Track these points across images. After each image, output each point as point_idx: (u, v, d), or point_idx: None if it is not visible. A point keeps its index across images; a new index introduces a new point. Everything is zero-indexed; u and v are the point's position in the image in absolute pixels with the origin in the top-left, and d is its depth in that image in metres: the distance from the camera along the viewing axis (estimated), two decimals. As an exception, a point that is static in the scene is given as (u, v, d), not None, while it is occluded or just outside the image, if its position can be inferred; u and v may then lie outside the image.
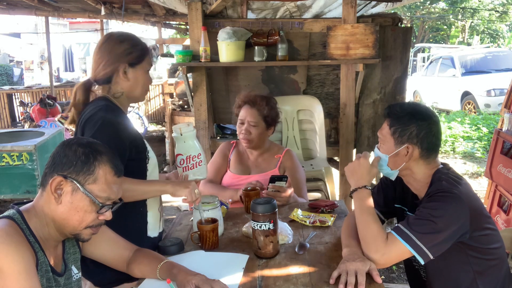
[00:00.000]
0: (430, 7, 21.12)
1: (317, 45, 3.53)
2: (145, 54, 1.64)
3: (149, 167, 1.67)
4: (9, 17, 13.76)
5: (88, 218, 1.25)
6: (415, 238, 1.39)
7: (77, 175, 1.22)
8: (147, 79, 1.68)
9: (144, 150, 1.65)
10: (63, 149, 1.24)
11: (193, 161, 1.79)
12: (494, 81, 9.41)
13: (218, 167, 2.38)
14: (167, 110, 6.11)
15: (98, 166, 1.23)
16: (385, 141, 1.57)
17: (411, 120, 1.51)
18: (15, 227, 1.18)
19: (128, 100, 1.69)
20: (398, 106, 1.58)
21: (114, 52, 1.60)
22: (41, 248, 1.23)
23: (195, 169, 1.79)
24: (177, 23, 9.08)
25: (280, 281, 1.41)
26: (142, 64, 1.64)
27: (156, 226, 1.76)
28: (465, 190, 1.47)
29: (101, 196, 1.25)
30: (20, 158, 3.81)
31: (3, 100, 9.13)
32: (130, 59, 1.60)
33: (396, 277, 3.16)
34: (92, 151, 1.24)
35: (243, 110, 2.31)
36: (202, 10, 3.34)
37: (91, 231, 1.28)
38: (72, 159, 1.22)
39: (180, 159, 1.79)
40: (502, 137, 2.97)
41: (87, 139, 1.32)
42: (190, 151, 1.79)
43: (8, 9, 6.80)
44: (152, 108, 10.08)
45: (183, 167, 1.80)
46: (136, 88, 1.65)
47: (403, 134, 1.52)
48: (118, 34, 1.65)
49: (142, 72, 1.64)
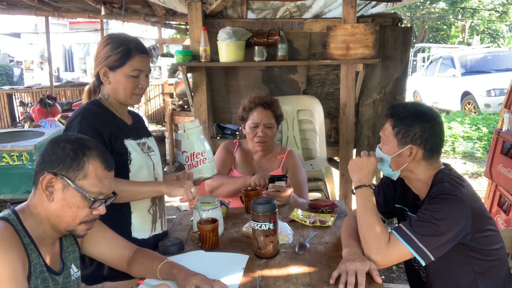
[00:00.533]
0: (430, 7, 21.12)
1: (317, 45, 3.53)
2: (127, 58, 1.59)
3: (131, 168, 1.65)
4: (9, 17, 13.78)
5: (81, 214, 1.25)
6: (417, 240, 1.39)
7: (67, 172, 1.22)
8: (129, 84, 1.62)
9: (124, 153, 1.62)
10: (52, 146, 1.24)
11: (197, 159, 1.78)
12: (494, 81, 9.41)
13: (223, 161, 2.34)
14: (167, 110, 6.11)
15: (87, 161, 1.23)
16: (387, 141, 1.56)
17: (415, 121, 1.50)
18: (9, 229, 1.18)
19: (118, 102, 1.67)
20: (401, 106, 1.56)
21: (98, 54, 1.62)
22: (36, 248, 1.23)
23: (199, 166, 1.78)
24: (177, 23, 9.08)
25: (280, 281, 1.41)
26: (123, 68, 1.60)
27: (145, 228, 1.72)
28: (467, 192, 1.47)
29: (93, 191, 1.24)
30: (20, 158, 3.81)
31: (3, 100, 9.13)
32: (108, 62, 1.59)
33: (396, 277, 3.16)
34: (81, 146, 1.24)
35: (257, 112, 2.26)
36: (202, 10, 3.34)
37: (86, 227, 1.28)
38: (61, 156, 1.22)
39: (185, 156, 1.78)
40: (502, 137, 2.97)
41: (75, 135, 1.31)
42: (194, 148, 1.78)
43: (8, 9, 6.80)
44: (152, 108, 10.08)
45: (188, 164, 1.79)
46: (118, 92, 1.63)
47: (407, 135, 1.51)
48: (109, 36, 1.65)
49: (122, 76, 1.61)
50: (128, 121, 1.74)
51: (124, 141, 1.64)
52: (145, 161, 1.70)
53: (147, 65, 1.66)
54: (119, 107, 1.69)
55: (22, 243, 1.19)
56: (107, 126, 1.60)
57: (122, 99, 1.65)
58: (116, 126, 1.64)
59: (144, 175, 1.69)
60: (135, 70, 1.61)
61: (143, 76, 1.65)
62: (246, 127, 2.31)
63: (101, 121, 1.59)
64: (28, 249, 1.20)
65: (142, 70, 1.63)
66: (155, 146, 1.83)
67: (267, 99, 2.29)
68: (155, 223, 1.76)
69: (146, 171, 1.70)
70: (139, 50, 1.63)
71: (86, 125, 1.55)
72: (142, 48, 1.65)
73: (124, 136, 1.65)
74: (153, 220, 1.75)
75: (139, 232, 1.70)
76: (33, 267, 1.20)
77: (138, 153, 1.67)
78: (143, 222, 1.72)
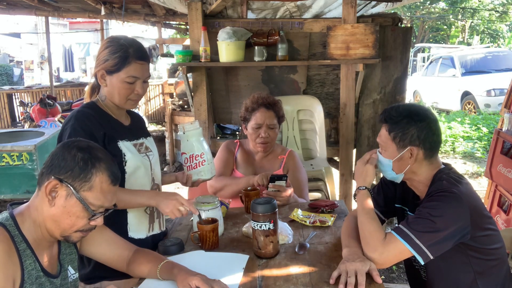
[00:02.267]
0: (430, 7, 21.12)
1: (317, 45, 3.53)
2: (123, 64, 1.58)
3: (127, 169, 1.64)
4: (9, 17, 13.78)
5: (79, 223, 1.25)
6: (413, 237, 1.39)
7: (73, 181, 1.21)
8: (124, 89, 1.61)
9: (118, 154, 1.62)
10: (62, 151, 1.24)
11: (196, 161, 1.78)
12: (494, 81, 9.42)
13: (225, 161, 2.33)
14: (167, 110, 6.12)
15: (95, 174, 1.23)
16: (386, 146, 1.56)
17: (410, 122, 1.51)
18: (4, 236, 1.17)
19: (114, 104, 1.67)
20: (394, 110, 1.56)
21: (98, 56, 1.63)
22: (33, 253, 1.23)
23: (198, 168, 1.78)
24: (177, 23, 9.09)
25: (280, 281, 1.41)
26: (119, 73, 1.59)
27: (142, 227, 1.72)
28: (466, 190, 1.47)
29: (95, 204, 1.24)
30: (20, 158, 3.81)
31: (3, 100, 9.13)
32: (105, 65, 1.59)
33: (396, 277, 3.16)
34: (91, 157, 1.23)
35: (260, 113, 2.25)
36: (202, 10, 3.34)
37: (81, 235, 1.28)
38: (70, 164, 1.21)
39: (184, 157, 1.78)
40: (502, 137, 2.97)
41: (87, 142, 1.30)
42: (193, 150, 1.78)
43: (8, 9, 6.81)
44: (152, 108, 10.08)
45: (186, 166, 1.79)
46: (113, 95, 1.63)
47: (404, 137, 1.51)
48: (110, 39, 1.64)
49: (118, 81, 1.60)
50: (125, 122, 1.74)
51: (118, 143, 1.63)
52: (141, 161, 1.69)
53: (144, 73, 1.63)
54: (116, 109, 1.69)
55: (17, 250, 1.19)
56: (100, 128, 1.60)
57: (117, 102, 1.65)
58: (110, 128, 1.64)
59: (141, 175, 1.69)
60: (131, 77, 1.60)
61: (139, 82, 1.63)
62: (249, 128, 2.30)
63: (94, 123, 1.59)
64: (23, 256, 1.20)
65: (138, 77, 1.61)
66: (154, 146, 1.82)
67: (270, 99, 2.28)
68: (152, 223, 1.76)
69: (143, 172, 1.69)
70: (138, 56, 1.60)
71: (79, 128, 1.55)
72: (141, 55, 1.62)
73: (118, 137, 1.65)
74: (150, 220, 1.75)
75: (136, 232, 1.70)
76: (27, 274, 1.20)
77: (133, 154, 1.67)
78: (140, 222, 1.71)
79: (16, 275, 1.17)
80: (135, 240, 1.68)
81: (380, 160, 1.60)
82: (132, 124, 1.77)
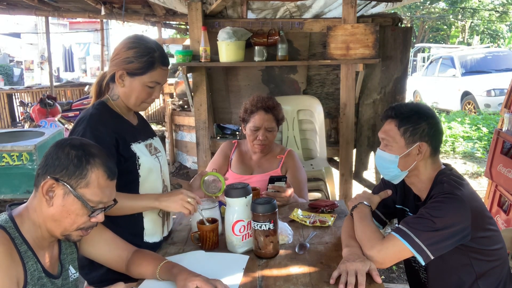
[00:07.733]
0: (430, 7, 21.12)
1: (317, 45, 3.53)
2: (149, 69, 1.56)
3: (141, 173, 1.63)
4: (9, 17, 13.78)
5: (79, 221, 1.24)
6: (412, 235, 1.39)
7: (69, 179, 1.20)
8: (143, 93, 1.59)
9: (132, 158, 1.60)
10: (56, 150, 1.22)
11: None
12: (494, 81, 9.42)
13: (219, 166, 2.35)
14: (167, 110, 6.11)
15: (90, 169, 1.22)
16: (393, 142, 1.55)
17: (421, 118, 1.52)
18: (5, 238, 1.17)
19: (126, 105, 1.65)
20: (403, 106, 1.58)
21: (119, 55, 1.58)
22: (34, 254, 1.22)
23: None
24: (177, 23, 9.08)
25: (280, 281, 1.41)
26: (142, 77, 1.57)
27: (157, 231, 1.72)
28: (467, 192, 1.47)
29: (93, 200, 1.23)
30: (20, 158, 3.81)
31: (3, 100, 9.14)
32: (128, 67, 1.56)
33: (396, 277, 3.16)
34: (85, 154, 1.22)
35: (258, 116, 2.25)
36: (202, 10, 3.34)
37: (82, 233, 1.28)
38: (64, 162, 1.20)
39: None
40: (502, 137, 2.97)
41: (80, 140, 1.29)
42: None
43: (8, 9, 6.81)
44: (152, 108, 10.08)
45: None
46: (130, 97, 1.60)
47: (415, 132, 1.51)
48: (135, 39, 1.60)
49: (139, 84, 1.58)
50: (133, 121, 1.72)
51: (132, 146, 1.61)
52: (153, 163, 1.68)
53: (165, 78, 1.63)
54: (126, 109, 1.67)
55: (18, 252, 1.18)
56: (112, 134, 1.56)
57: (131, 105, 1.63)
58: (123, 130, 1.61)
59: (153, 178, 1.68)
60: (154, 82, 1.59)
61: (158, 87, 1.62)
62: (247, 129, 2.31)
63: (106, 129, 1.55)
64: (24, 257, 1.19)
65: (159, 83, 1.61)
66: (161, 146, 1.81)
67: (269, 103, 2.28)
68: (163, 226, 1.76)
69: (155, 174, 1.68)
70: (163, 62, 1.59)
71: (90, 135, 1.50)
72: (165, 60, 1.61)
73: (131, 140, 1.63)
74: (162, 222, 1.75)
75: (151, 236, 1.70)
76: (29, 276, 1.19)
77: (147, 156, 1.65)
78: (155, 225, 1.71)
79: (19, 277, 1.17)
80: (150, 244, 1.68)
81: (384, 157, 1.58)
82: (139, 124, 1.75)
